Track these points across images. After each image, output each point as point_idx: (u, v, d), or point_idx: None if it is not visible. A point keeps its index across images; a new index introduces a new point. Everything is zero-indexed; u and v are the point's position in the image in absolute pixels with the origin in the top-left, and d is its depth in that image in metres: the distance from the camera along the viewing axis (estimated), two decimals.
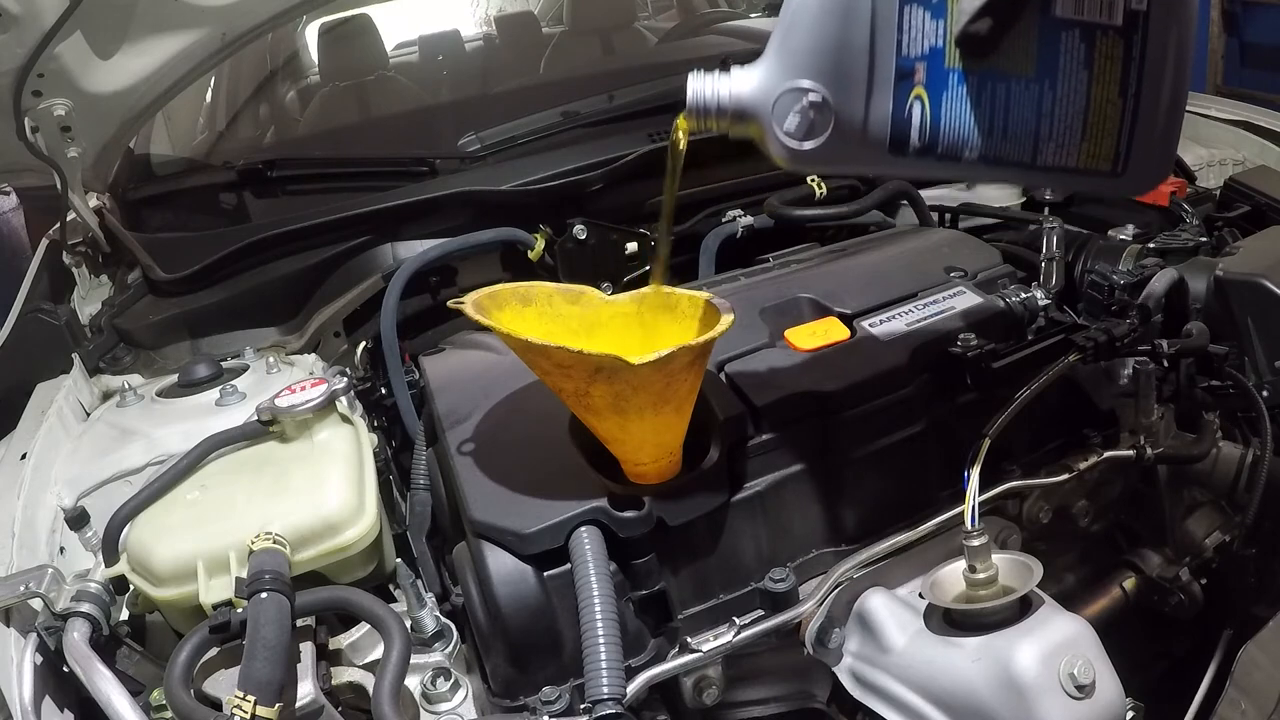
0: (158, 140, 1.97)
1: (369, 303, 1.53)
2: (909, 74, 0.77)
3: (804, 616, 0.90)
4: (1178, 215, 1.48)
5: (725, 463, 0.95)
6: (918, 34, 0.76)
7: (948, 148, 0.79)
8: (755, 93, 0.79)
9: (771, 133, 0.79)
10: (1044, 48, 0.75)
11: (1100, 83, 0.75)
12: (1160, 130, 0.76)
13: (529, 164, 1.62)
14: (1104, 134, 0.77)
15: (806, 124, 0.78)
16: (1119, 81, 0.75)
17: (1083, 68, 0.75)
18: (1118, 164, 0.77)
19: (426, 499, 1.15)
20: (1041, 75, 0.76)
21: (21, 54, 1.29)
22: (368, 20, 2.32)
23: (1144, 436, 1.11)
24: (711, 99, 0.80)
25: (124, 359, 1.51)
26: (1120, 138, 0.77)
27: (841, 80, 0.77)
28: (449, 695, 0.91)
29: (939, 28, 0.76)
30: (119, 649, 0.95)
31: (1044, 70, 0.76)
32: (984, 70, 0.76)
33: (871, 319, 1.12)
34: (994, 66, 0.76)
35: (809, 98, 0.77)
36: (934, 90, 0.77)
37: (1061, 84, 0.76)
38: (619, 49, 2.57)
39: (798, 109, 0.78)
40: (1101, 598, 1.12)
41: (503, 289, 0.90)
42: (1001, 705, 0.76)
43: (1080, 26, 0.74)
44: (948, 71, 0.77)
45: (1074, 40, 0.75)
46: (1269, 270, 1.18)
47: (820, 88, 0.77)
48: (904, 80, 0.77)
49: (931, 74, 0.77)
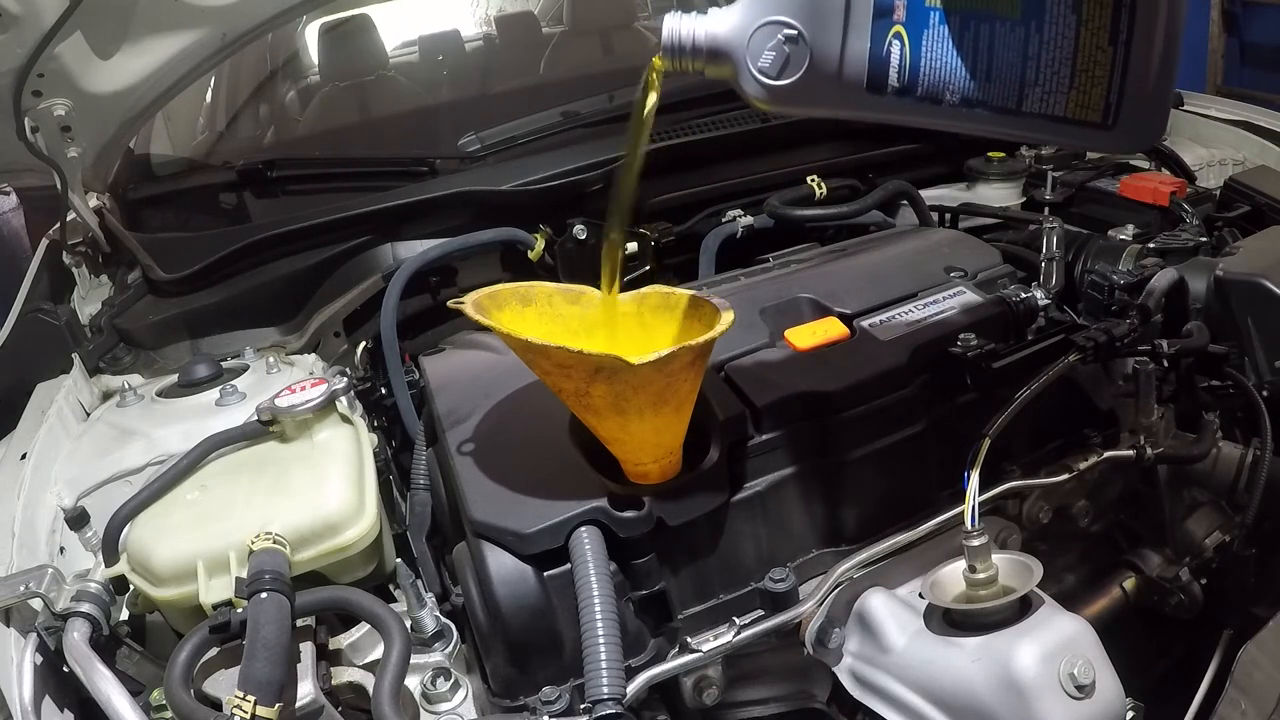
0: (158, 140, 1.97)
1: (369, 303, 1.53)
2: (888, 10, 0.75)
3: (804, 616, 0.90)
4: (1178, 215, 1.48)
5: (725, 463, 0.95)
6: None
7: (928, 89, 0.77)
8: (731, 30, 0.78)
9: (746, 70, 0.78)
10: None
11: (1089, 28, 0.73)
12: (1153, 82, 0.74)
13: (529, 164, 1.62)
14: (1093, 83, 0.75)
15: (781, 60, 0.77)
16: (1109, 28, 0.73)
17: (1070, 11, 0.73)
18: (1108, 115, 0.75)
19: (426, 499, 1.15)
20: (1027, 17, 0.74)
21: (21, 54, 1.29)
22: (368, 20, 2.32)
23: (1144, 436, 1.11)
24: (687, 37, 0.79)
25: (124, 359, 1.51)
26: (1110, 88, 0.74)
27: (818, 15, 0.76)
28: (449, 695, 0.91)
29: None
30: (119, 649, 0.95)
31: (1030, 12, 0.74)
32: (967, 10, 0.75)
33: (871, 319, 1.12)
34: (977, 6, 0.74)
35: (784, 33, 0.76)
36: (914, 28, 0.75)
37: (1049, 27, 0.74)
38: (619, 49, 2.57)
39: (772, 45, 0.76)
40: (1101, 598, 1.12)
41: (503, 289, 0.90)
42: (1001, 705, 0.76)
43: None
44: (929, 10, 0.75)
45: None
46: (1269, 270, 1.17)
47: (796, 23, 0.76)
48: (883, 17, 0.75)
49: (911, 11, 0.75)
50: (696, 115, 1.68)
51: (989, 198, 1.74)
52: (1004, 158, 1.78)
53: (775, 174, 1.68)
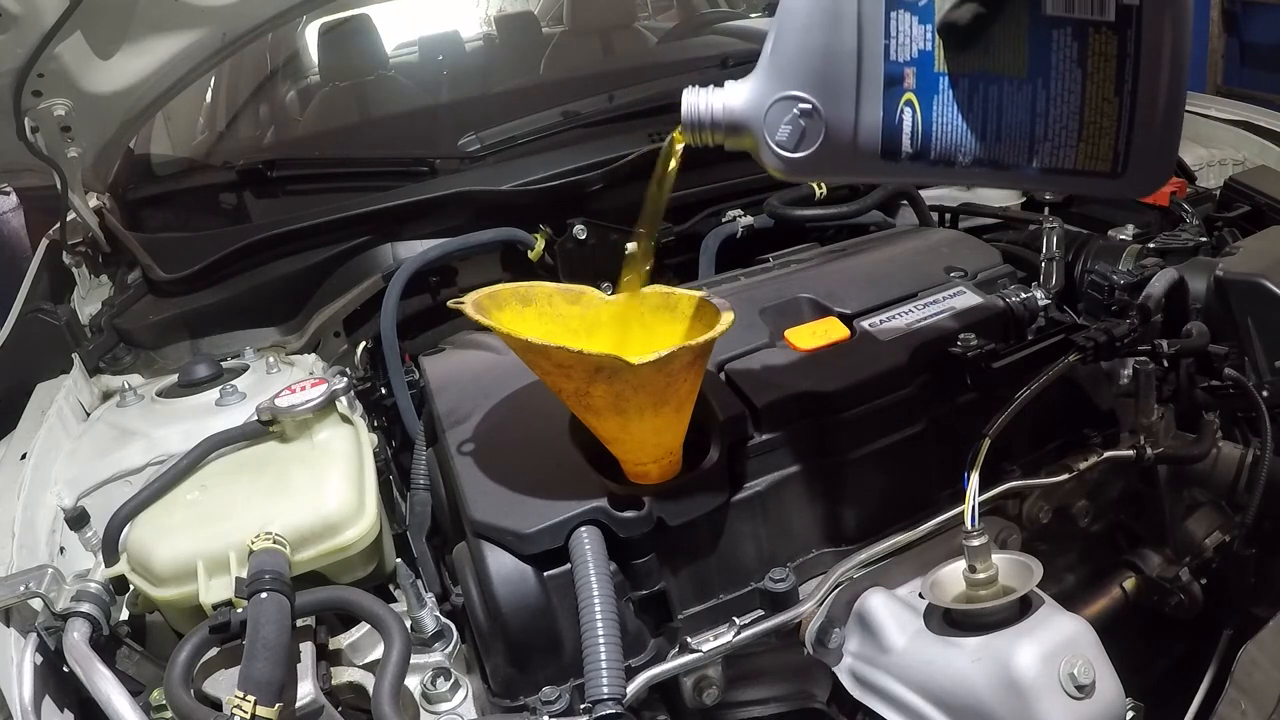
0: (158, 140, 1.97)
1: (369, 303, 1.53)
2: (898, 79, 0.76)
3: (804, 616, 0.90)
4: (1178, 215, 1.48)
5: (725, 463, 0.95)
6: (905, 38, 0.75)
7: (941, 152, 0.78)
8: (747, 105, 0.79)
9: (764, 143, 0.79)
10: (1035, 47, 0.75)
11: (1095, 81, 0.74)
12: (1159, 128, 0.75)
13: (529, 164, 1.62)
14: (1101, 134, 0.76)
15: (798, 133, 0.78)
16: (1114, 79, 0.74)
17: (1076, 66, 0.74)
18: (1117, 164, 0.77)
19: (426, 499, 1.15)
20: (1034, 75, 0.75)
21: (21, 54, 1.29)
22: (368, 20, 2.32)
23: (1144, 436, 1.11)
24: (705, 113, 0.80)
25: (124, 359, 1.51)
26: (1118, 137, 0.76)
27: (831, 88, 0.76)
28: (449, 695, 0.91)
29: (927, 32, 0.75)
30: (119, 649, 0.95)
31: (1036, 70, 0.75)
32: (974, 72, 0.76)
33: (871, 319, 1.12)
34: (984, 68, 0.76)
35: (799, 107, 0.77)
36: (924, 94, 0.76)
37: (1055, 83, 0.75)
38: (619, 49, 2.58)
39: (788, 119, 0.78)
40: (1101, 598, 1.12)
41: (503, 289, 0.90)
42: (1001, 705, 0.76)
43: (1072, 24, 0.73)
44: (938, 75, 0.76)
45: (1066, 38, 0.74)
46: (1269, 270, 1.17)
47: (810, 96, 0.77)
48: (893, 86, 0.76)
49: (921, 78, 0.76)
50: None
51: (989, 198, 1.73)
52: None
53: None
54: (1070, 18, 0.73)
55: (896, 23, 0.75)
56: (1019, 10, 0.74)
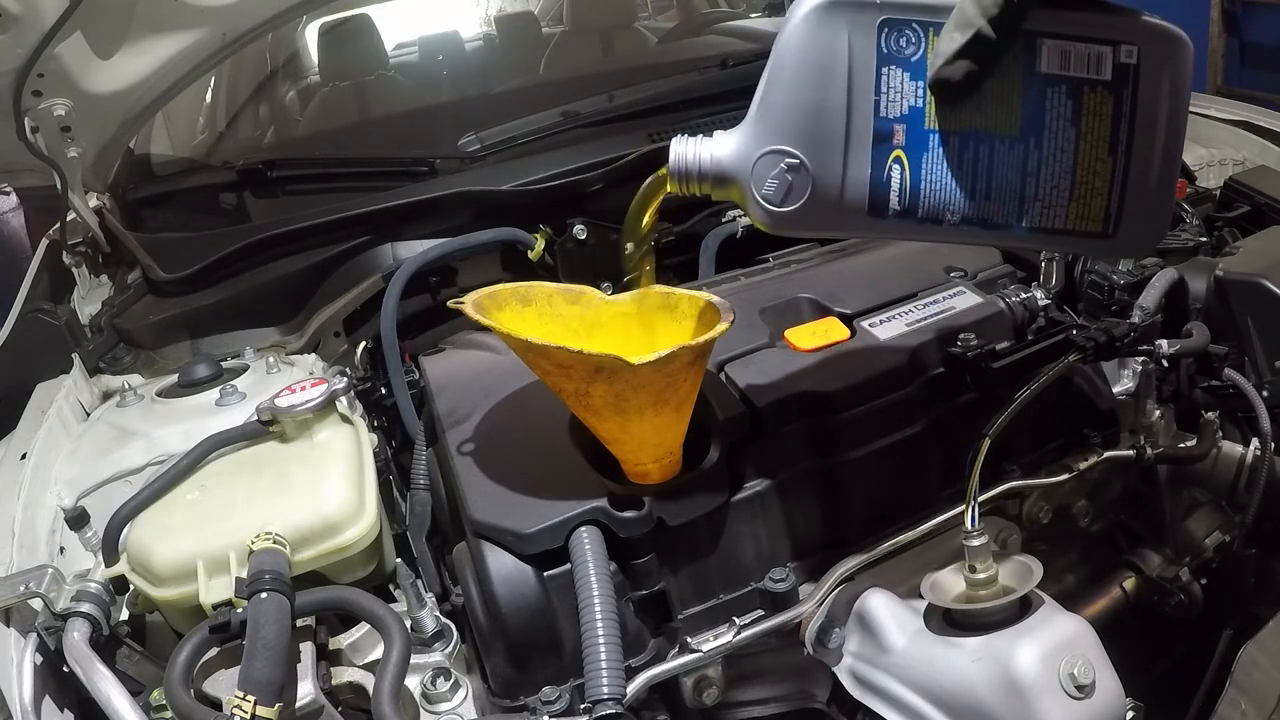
0: (158, 140, 1.97)
1: (369, 303, 1.53)
2: (887, 136, 0.75)
3: (804, 616, 0.90)
4: (1178, 215, 1.48)
5: (725, 463, 0.95)
6: (896, 95, 0.74)
7: (929, 210, 0.77)
8: (735, 156, 0.78)
9: (751, 197, 0.78)
10: (1028, 105, 0.73)
11: (1088, 141, 0.73)
12: (1154, 190, 0.74)
13: (529, 164, 1.62)
14: (1093, 194, 0.75)
15: (785, 188, 0.77)
16: (1108, 139, 0.73)
17: (1069, 125, 0.73)
18: (1108, 225, 0.76)
19: (426, 499, 1.15)
20: (1026, 134, 0.74)
21: (21, 54, 1.29)
22: (368, 20, 2.32)
23: (1144, 436, 1.11)
24: (694, 163, 0.79)
25: (124, 359, 1.51)
26: (1110, 198, 0.74)
27: (819, 143, 0.75)
28: (449, 695, 0.91)
29: (918, 88, 0.74)
30: (119, 649, 0.95)
31: (1028, 129, 0.74)
32: (965, 130, 0.74)
33: (871, 319, 1.12)
34: (976, 126, 0.74)
35: (786, 161, 0.76)
36: (913, 152, 0.75)
37: (1047, 143, 0.74)
38: (619, 49, 2.57)
39: (775, 173, 0.76)
40: (1101, 598, 1.12)
41: (503, 289, 0.90)
42: (1001, 705, 0.76)
43: (1067, 82, 0.72)
44: (928, 133, 0.75)
45: (1060, 97, 0.73)
46: (1269, 270, 1.18)
47: (798, 151, 0.76)
48: (882, 142, 0.75)
49: (911, 135, 0.75)
50: (697, 115, 1.68)
51: None
52: None
53: None
54: (1065, 76, 0.72)
55: (888, 78, 0.74)
56: (1013, 68, 0.72)
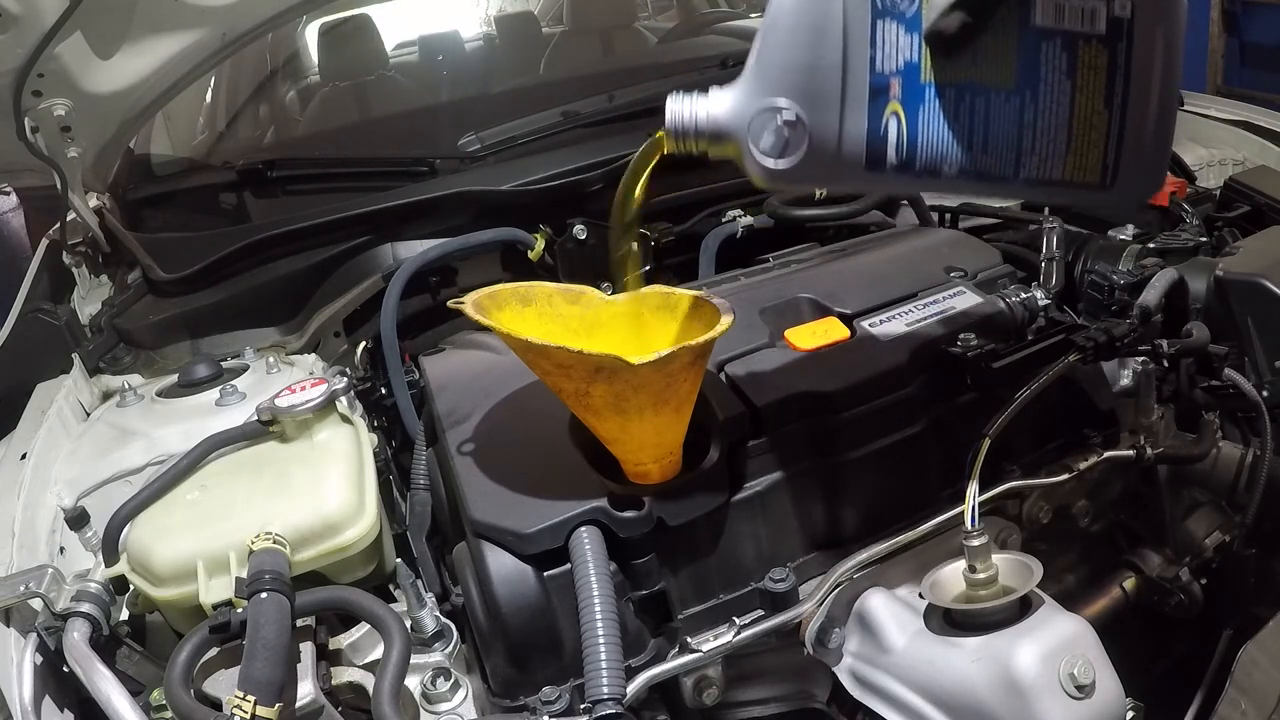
0: (158, 140, 1.97)
1: (369, 303, 1.53)
2: (883, 90, 0.75)
3: (804, 616, 0.90)
4: (1178, 215, 1.48)
5: (725, 463, 0.95)
6: (891, 49, 0.74)
7: (926, 163, 0.77)
8: (731, 113, 0.78)
9: (748, 152, 0.78)
10: (1024, 59, 0.74)
11: (1084, 93, 0.74)
12: (1150, 141, 0.75)
13: (529, 164, 1.62)
14: (1090, 146, 0.75)
15: (781, 142, 0.77)
16: (1104, 91, 0.74)
17: (1065, 78, 0.74)
18: (1106, 176, 0.76)
19: (426, 499, 1.15)
20: (1022, 87, 0.74)
21: (21, 54, 1.29)
22: (368, 20, 2.32)
23: (1144, 436, 1.11)
24: (690, 120, 0.80)
25: (124, 359, 1.51)
26: (1107, 149, 0.75)
27: (815, 98, 0.76)
28: (449, 695, 0.91)
29: (914, 41, 0.74)
30: (119, 649, 0.95)
31: (1024, 82, 0.74)
32: (961, 83, 0.75)
33: (871, 319, 1.12)
34: (972, 79, 0.75)
35: (783, 116, 0.76)
36: (910, 105, 0.76)
37: (1043, 95, 0.75)
38: (619, 49, 2.57)
39: (772, 128, 0.77)
40: (1101, 598, 1.12)
41: (503, 289, 0.90)
42: (1001, 705, 0.76)
43: (1061, 36, 0.73)
44: (923, 86, 0.75)
45: (1055, 50, 0.73)
46: (1269, 270, 1.17)
47: (794, 105, 0.76)
48: (878, 96, 0.75)
49: (907, 89, 0.75)
50: None
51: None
52: None
53: None
54: (1060, 29, 0.73)
55: (883, 32, 0.74)
56: (1008, 21, 0.73)
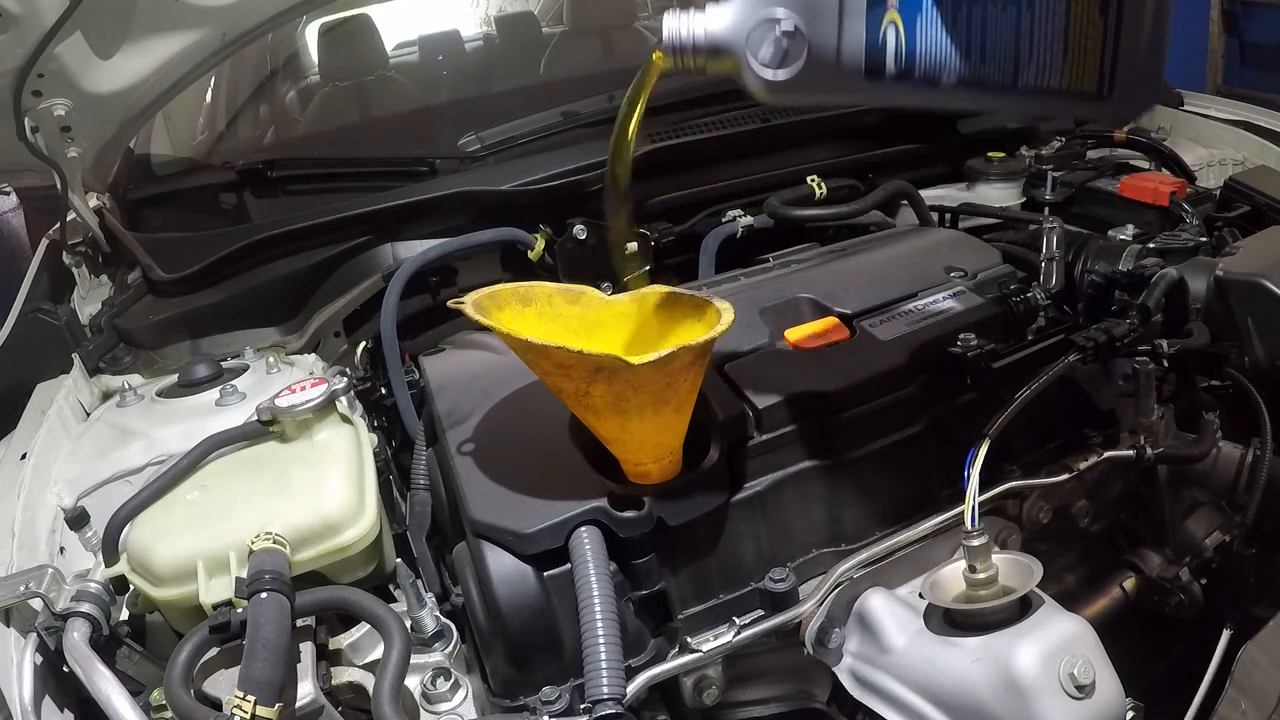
0: (158, 140, 1.97)
1: (369, 303, 1.53)
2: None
3: (804, 616, 0.90)
4: (1178, 215, 1.48)
5: (725, 463, 0.95)
6: None
7: (925, 72, 0.78)
8: (729, 27, 0.79)
9: (746, 64, 0.79)
10: None
11: (1079, 2, 0.75)
12: (1144, 50, 0.76)
13: (529, 164, 1.62)
14: (1086, 54, 0.77)
15: (780, 53, 0.78)
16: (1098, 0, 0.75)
17: None
18: (1103, 86, 0.77)
19: (426, 499, 1.15)
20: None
21: (21, 54, 1.29)
22: (368, 20, 2.32)
23: (1144, 436, 1.11)
24: (687, 35, 0.81)
25: (124, 359, 1.51)
26: (1104, 58, 0.76)
27: (813, 8, 0.77)
28: (449, 695, 0.91)
29: None
30: (119, 649, 0.95)
31: None
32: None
33: (871, 319, 1.12)
34: None
35: (781, 27, 0.77)
36: (908, 14, 0.77)
37: (1040, 4, 0.76)
38: (619, 49, 2.57)
39: (770, 39, 0.78)
40: (1101, 598, 1.12)
41: (503, 289, 0.90)
42: (1001, 705, 0.76)
43: None
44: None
45: None
46: (1269, 270, 1.17)
47: (792, 16, 0.77)
48: (876, 5, 0.77)
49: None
50: (697, 115, 1.68)
51: (989, 198, 1.74)
52: (1004, 158, 1.78)
53: (775, 174, 1.68)
54: None
55: None
56: None
